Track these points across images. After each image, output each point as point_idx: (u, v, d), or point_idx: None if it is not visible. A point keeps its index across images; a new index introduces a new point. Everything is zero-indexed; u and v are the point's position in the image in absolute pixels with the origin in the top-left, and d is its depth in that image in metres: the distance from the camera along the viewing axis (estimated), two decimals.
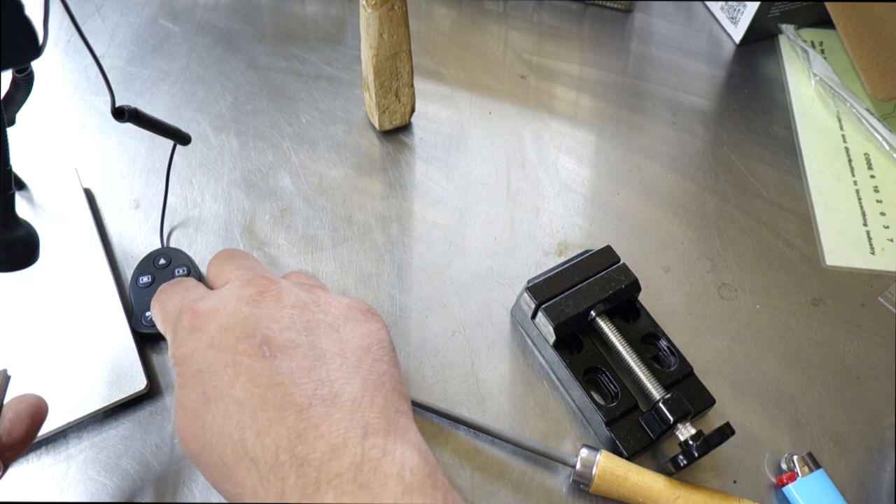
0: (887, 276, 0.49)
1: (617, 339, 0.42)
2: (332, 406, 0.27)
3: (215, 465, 0.27)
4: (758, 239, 0.51)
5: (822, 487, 0.39)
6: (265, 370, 0.28)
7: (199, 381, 0.28)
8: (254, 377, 0.27)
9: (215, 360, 0.28)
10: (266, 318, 0.30)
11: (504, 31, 0.63)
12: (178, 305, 0.32)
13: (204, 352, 0.29)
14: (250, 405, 0.27)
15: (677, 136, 0.57)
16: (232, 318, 0.30)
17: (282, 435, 0.26)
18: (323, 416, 0.27)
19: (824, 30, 0.64)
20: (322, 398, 0.27)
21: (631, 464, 0.39)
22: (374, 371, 0.29)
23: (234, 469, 0.26)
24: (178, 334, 0.31)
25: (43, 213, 0.47)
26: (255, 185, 0.51)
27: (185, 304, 0.32)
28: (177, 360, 0.30)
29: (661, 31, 0.64)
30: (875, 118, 0.57)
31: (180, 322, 0.31)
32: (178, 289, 0.35)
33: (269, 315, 0.30)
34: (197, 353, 0.29)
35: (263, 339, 0.29)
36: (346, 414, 0.27)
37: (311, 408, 0.27)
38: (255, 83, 0.57)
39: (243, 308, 0.30)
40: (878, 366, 0.45)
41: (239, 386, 0.27)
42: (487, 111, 0.57)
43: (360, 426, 0.27)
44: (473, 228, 0.50)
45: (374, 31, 0.47)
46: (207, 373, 0.28)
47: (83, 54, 0.58)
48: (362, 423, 0.27)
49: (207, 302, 0.31)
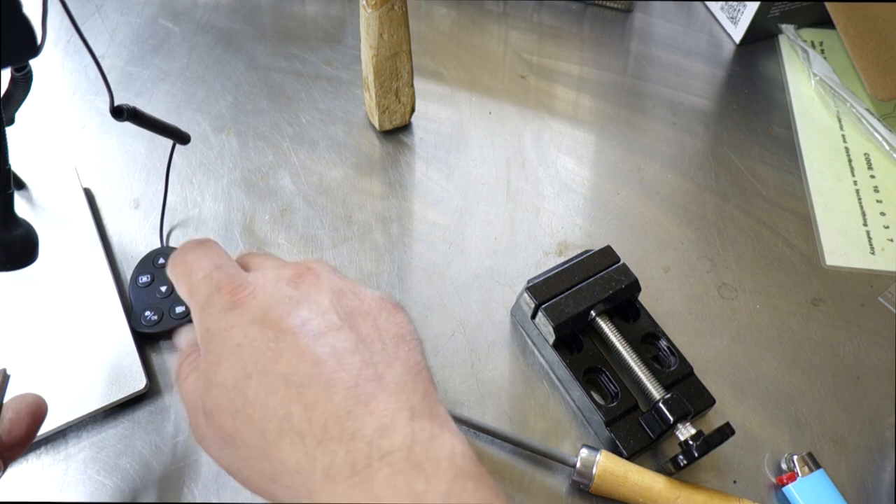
0: (887, 276, 0.49)
1: (617, 339, 0.42)
2: (378, 387, 0.27)
3: (253, 444, 0.27)
4: (758, 239, 0.51)
5: (822, 487, 0.39)
6: (310, 348, 0.27)
7: (237, 356, 0.28)
8: (299, 354, 0.27)
9: (258, 337, 0.28)
10: (307, 300, 0.29)
11: (504, 31, 0.63)
12: (211, 276, 0.30)
13: (245, 327, 0.28)
14: (296, 381, 0.26)
15: (677, 136, 0.57)
16: (274, 298, 0.29)
17: (330, 410, 0.26)
18: (370, 396, 0.26)
19: (824, 30, 0.64)
20: (367, 378, 0.27)
21: (631, 464, 0.38)
22: (411, 359, 0.29)
23: (276, 445, 0.26)
24: (211, 309, 0.30)
25: (43, 212, 0.47)
26: (255, 184, 0.51)
27: (220, 277, 0.30)
28: (210, 333, 0.29)
29: (661, 31, 0.64)
30: (875, 118, 0.57)
31: (216, 296, 0.30)
32: (208, 254, 0.32)
33: (310, 297, 0.29)
34: (237, 329, 0.28)
35: (306, 318, 0.28)
36: (392, 395, 0.27)
37: (357, 387, 0.26)
38: (255, 83, 0.57)
39: (284, 288, 0.30)
40: (878, 366, 0.45)
41: (283, 362, 0.27)
42: (487, 111, 0.57)
43: (406, 408, 0.26)
44: (473, 228, 0.50)
45: (374, 31, 0.47)
46: (249, 348, 0.28)
47: (83, 54, 0.58)
48: (409, 406, 0.27)
49: (246, 277, 0.30)
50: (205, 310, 0.30)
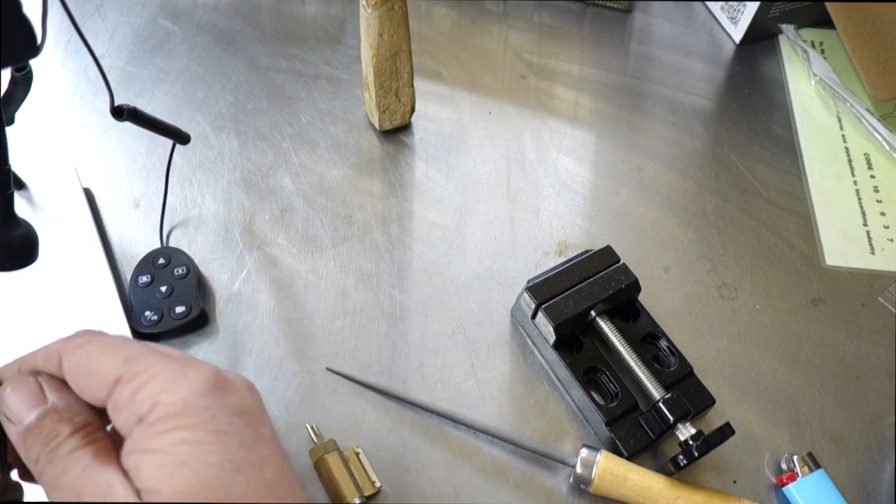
0: (887, 276, 0.49)
1: (617, 339, 0.42)
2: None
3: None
4: (758, 239, 0.51)
5: (822, 487, 0.39)
6: (287, 459, 0.28)
7: (224, 444, 0.26)
8: (279, 464, 0.28)
9: (245, 430, 0.27)
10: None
11: (504, 31, 0.63)
12: (201, 367, 0.29)
13: (231, 415, 0.27)
14: (279, 490, 0.27)
15: (677, 136, 0.57)
16: (255, 396, 0.30)
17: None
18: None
19: (824, 30, 0.64)
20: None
21: (631, 464, 0.38)
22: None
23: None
24: (195, 384, 0.28)
25: (42, 212, 0.47)
26: (255, 184, 0.51)
27: (207, 367, 0.29)
28: (187, 405, 0.27)
29: (661, 31, 0.64)
30: (875, 118, 0.57)
31: (200, 373, 0.29)
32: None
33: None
34: (222, 415, 0.27)
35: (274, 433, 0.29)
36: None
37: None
38: (255, 83, 0.57)
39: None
40: (878, 366, 0.45)
41: (268, 469, 0.27)
42: (487, 111, 0.57)
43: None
44: (473, 228, 0.50)
45: (374, 31, 0.47)
46: (235, 437, 0.26)
47: (83, 54, 0.58)
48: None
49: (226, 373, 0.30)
50: (181, 381, 0.27)
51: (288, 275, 0.47)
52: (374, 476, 0.39)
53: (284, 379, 0.43)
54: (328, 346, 0.44)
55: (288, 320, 0.45)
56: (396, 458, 0.40)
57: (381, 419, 0.41)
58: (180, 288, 0.44)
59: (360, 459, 0.39)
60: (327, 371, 0.43)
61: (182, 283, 0.44)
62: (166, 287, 0.44)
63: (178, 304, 0.43)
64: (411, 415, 0.42)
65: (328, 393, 0.42)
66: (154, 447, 0.25)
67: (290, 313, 0.45)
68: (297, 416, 0.41)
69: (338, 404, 0.42)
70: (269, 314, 0.45)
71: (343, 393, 0.42)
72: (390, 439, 0.41)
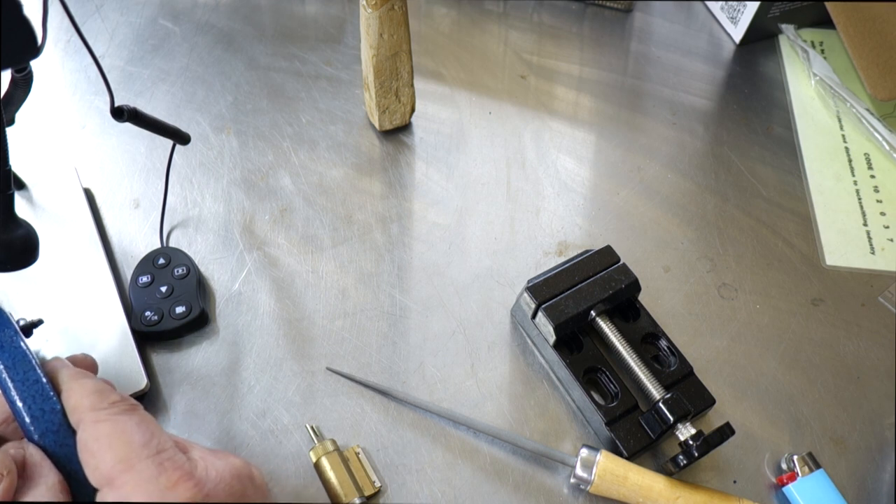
0: (887, 276, 0.49)
1: (617, 339, 0.42)
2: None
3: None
4: (758, 239, 0.51)
5: (822, 487, 0.39)
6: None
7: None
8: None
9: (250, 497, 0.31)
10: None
11: (504, 31, 0.63)
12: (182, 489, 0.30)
13: (231, 481, 0.30)
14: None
15: (677, 136, 0.57)
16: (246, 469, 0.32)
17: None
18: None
19: (824, 30, 0.64)
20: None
21: (631, 464, 0.39)
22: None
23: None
24: (198, 457, 0.31)
25: (43, 212, 0.47)
26: (255, 184, 0.51)
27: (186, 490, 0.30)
28: (207, 478, 0.29)
29: (661, 31, 0.64)
30: (875, 118, 0.57)
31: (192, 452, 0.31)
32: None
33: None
34: (225, 482, 0.30)
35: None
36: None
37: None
38: (255, 83, 0.57)
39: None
40: (878, 366, 0.45)
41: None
42: (487, 111, 0.57)
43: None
44: (473, 228, 0.50)
45: (374, 31, 0.47)
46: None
47: (83, 54, 0.58)
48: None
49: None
50: (191, 455, 0.31)
51: (288, 275, 0.47)
52: (374, 476, 0.39)
53: (284, 379, 0.43)
54: (328, 346, 0.44)
55: (288, 320, 0.45)
56: (396, 458, 0.40)
57: (381, 419, 0.41)
58: (180, 288, 0.44)
59: (360, 459, 0.39)
60: (327, 371, 0.43)
61: (182, 283, 0.45)
62: (166, 287, 0.44)
63: (178, 305, 0.43)
64: (411, 415, 0.42)
65: (328, 393, 0.42)
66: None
67: (290, 313, 0.45)
68: (297, 416, 0.41)
69: (338, 404, 0.42)
70: (269, 314, 0.45)
71: (343, 393, 0.42)
72: (390, 439, 0.41)
